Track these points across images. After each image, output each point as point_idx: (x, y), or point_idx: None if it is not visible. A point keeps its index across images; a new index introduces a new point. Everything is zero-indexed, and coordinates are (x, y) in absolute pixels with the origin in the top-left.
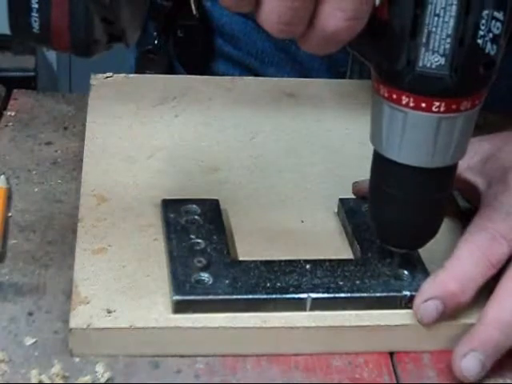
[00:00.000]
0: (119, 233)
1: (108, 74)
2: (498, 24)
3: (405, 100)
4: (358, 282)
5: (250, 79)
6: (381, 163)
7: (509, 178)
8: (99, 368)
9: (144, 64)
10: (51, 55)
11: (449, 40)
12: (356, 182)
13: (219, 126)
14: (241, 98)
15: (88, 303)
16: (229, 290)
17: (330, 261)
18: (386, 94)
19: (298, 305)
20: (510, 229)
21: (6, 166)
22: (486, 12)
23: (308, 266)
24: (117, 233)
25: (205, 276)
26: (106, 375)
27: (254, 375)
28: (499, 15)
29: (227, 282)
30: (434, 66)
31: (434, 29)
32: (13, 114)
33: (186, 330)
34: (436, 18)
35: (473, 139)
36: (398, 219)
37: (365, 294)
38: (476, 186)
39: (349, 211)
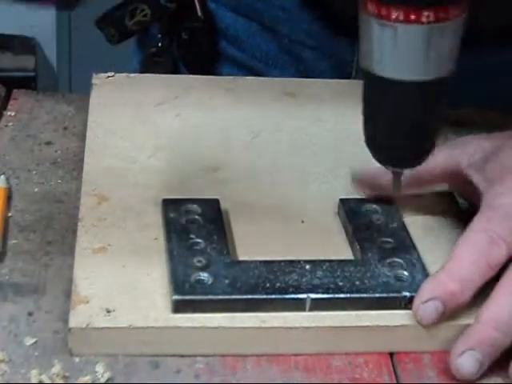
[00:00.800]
0: (119, 232)
1: (109, 74)
2: None
3: (394, 14)
4: (357, 282)
5: (250, 79)
6: (373, 82)
7: (509, 178)
8: (99, 368)
9: (148, 66)
10: (51, 55)
11: None
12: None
13: (220, 126)
14: (241, 98)
15: (87, 303)
16: (228, 289)
17: (330, 261)
18: (376, 11)
19: (298, 305)
20: (509, 231)
21: (5, 166)
22: None
23: (308, 267)
24: (117, 232)
25: (204, 276)
26: (106, 375)
27: (254, 375)
28: None
29: (227, 281)
30: None
31: None
32: (13, 114)
33: (186, 329)
34: None
35: (473, 137)
36: (393, 137)
37: (364, 295)
38: (477, 185)
39: (349, 211)
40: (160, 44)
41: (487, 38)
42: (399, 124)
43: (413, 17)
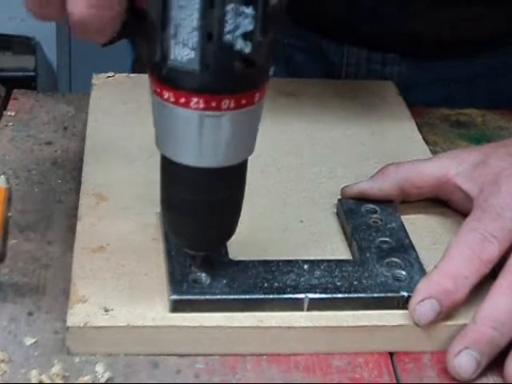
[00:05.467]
0: (118, 232)
1: (109, 74)
2: (249, 19)
3: (166, 94)
4: (355, 282)
5: None
6: (162, 161)
7: (499, 181)
8: (99, 368)
9: (140, 66)
10: (51, 55)
11: (195, 33)
12: (345, 185)
13: None
14: None
15: (86, 302)
16: (226, 289)
17: (328, 261)
18: (154, 88)
19: (296, 305)
20: (501, 228)
21: (6, 166)
22: (231, 6)
23: (306, 266)
24: (116, 232)
25: (202, 275)
26: (106, 375)
27: (254, 375)
28: (248, 10)
29: (225, 281)
30: (184, 60)
31: (180, 21)
32: (13, 114)
33: (183, 329)
34: (181, 10)
35: (462, 149)
36: (181, 220)
37: (362, 295)
38: (467, 191)
39: (348, 211)
40: None
41: (484, 42)
42: (193, 209)
43: (182, 100)
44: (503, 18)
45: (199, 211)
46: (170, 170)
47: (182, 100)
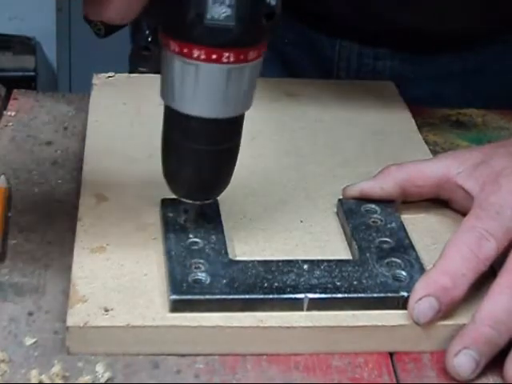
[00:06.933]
0: (118, 232)
1: (110, 74)
2: None
3: (196, 53)
4: (355, 282)
5: None
6: (174, 118)
7: (500, 180)
8: (99, 368)
9: (137, 61)
10: (51, 55)
11: None
12: (347, 185)
13: None
14: None
15: (85, 301)
16: (226, 289)
17: (328, 261)
18: (177, 49)
19: (295, 305)
20: (499, 227)
21: (6, 166)
22: None
23: (306, 266)
24: (116, 232)
25: (202, 275)
26: (106, 375)
27: (254, 375)
28: None
29: (224, 281)
30: (221, 18)
31: None
32: (13, 114)
33: (183, 328)
34: None
35: (464, 150)
36: (192, 171)
37: (362, 295)
38: (468, 190)
39: (348, 211)
40: (149, 39)
41: (475, 37)
42: (199, 159)
43: (214, 56)
44: (478, 13)
45: (202, 160)
46: (183, 124)
47: (214, 56)
